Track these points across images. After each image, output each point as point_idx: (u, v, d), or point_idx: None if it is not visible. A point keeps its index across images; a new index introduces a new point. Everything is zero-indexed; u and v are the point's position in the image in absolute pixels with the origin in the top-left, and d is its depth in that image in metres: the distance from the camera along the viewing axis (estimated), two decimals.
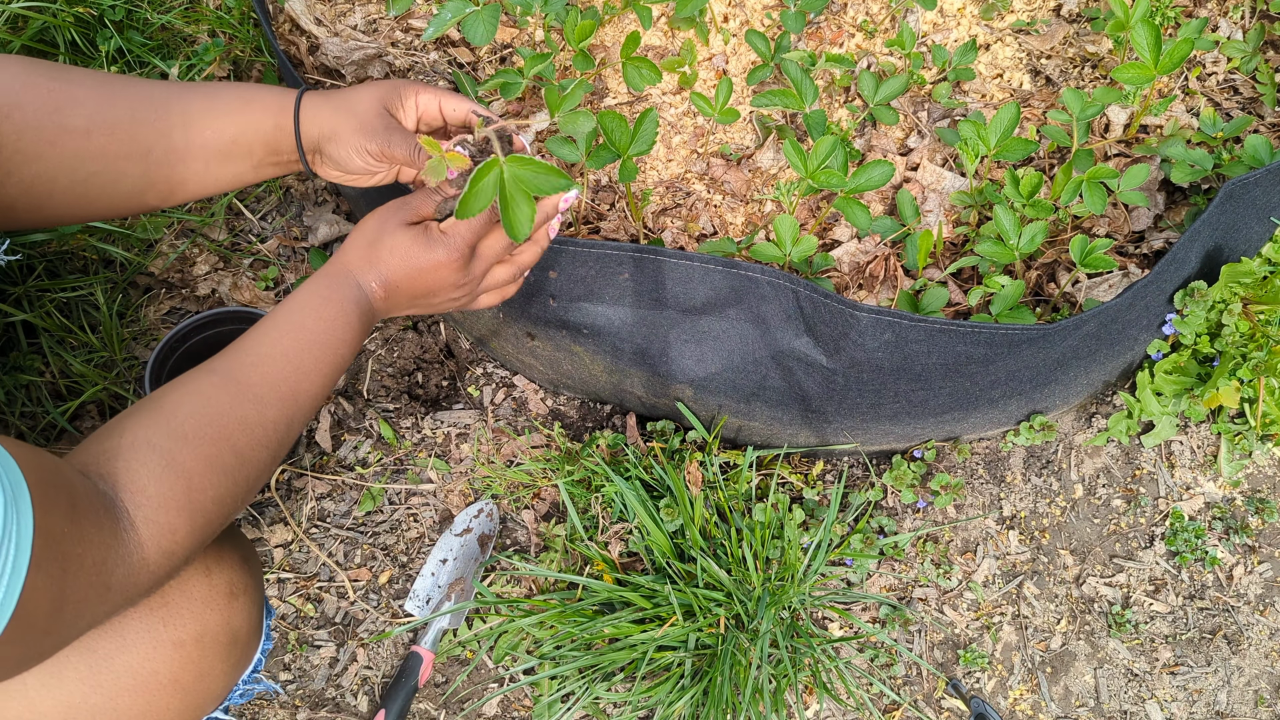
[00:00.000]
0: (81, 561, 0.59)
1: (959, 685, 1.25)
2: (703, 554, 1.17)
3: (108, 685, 0.76)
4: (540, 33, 1.35)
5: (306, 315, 0.78)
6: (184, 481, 0.67)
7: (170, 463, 0.67)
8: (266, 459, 0.74)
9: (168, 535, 0.66)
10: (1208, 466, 1.35)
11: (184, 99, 0.83)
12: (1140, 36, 1.09)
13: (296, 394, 0.76)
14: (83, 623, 0.62)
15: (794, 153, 1.10)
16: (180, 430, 0.69)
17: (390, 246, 0.81)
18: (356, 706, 1.21)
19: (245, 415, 0.72)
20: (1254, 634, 1.29)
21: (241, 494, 0.72)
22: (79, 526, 0.59)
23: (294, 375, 0.76)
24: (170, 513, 0.66)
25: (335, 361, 0.79)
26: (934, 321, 1.00)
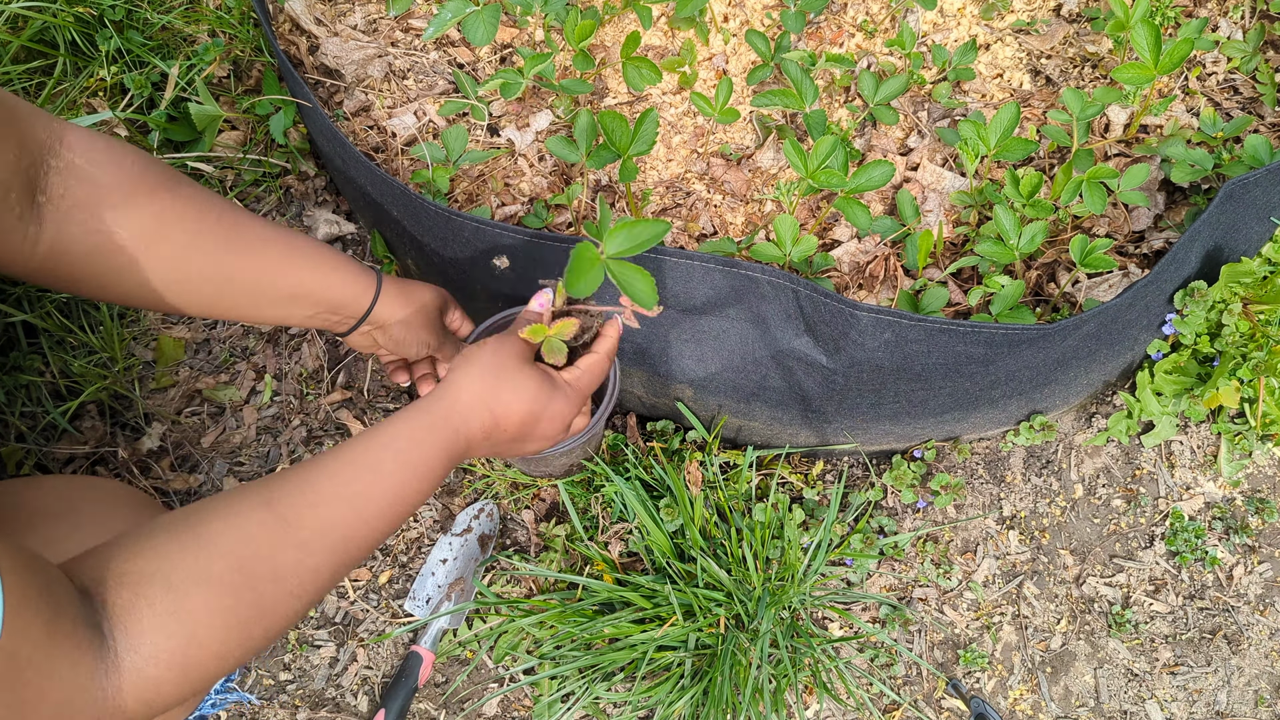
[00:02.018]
0: (43, 698, 0.52)
1: (959, 685, 1.25)
2: (703, 554, 1.17)
3: None
4: (540, 32, 1.35)
5: (387, 456, 0.72)
6: (187, 636, 0.60)
7: (178, 611, 0.60)
8: (292, 611, 0.66)
9: (152, 689, 0.59)
10: (1208, 466, 1.35)
11: (277, 244, 0.88)
12: (1140, 36, 1.09)
13: (349, 543, 0.69)
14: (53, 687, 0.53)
15: (794, 153, 1.10)
16: (204, 572, 0.62)
17: (514, 386, 0.79)
18: (356, 706, 1.21)
19: (282, 563, 0.65)
20: (1254, 634, 1.29)
21: (250, 650, 0.64)
22: (50, 655, 0.53)
23: (353, 523, 0.69)
24: (162, 668, 0.59)
25: (402, 513, 0.73)
26: (934, 321, 1.00)
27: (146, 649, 0.58)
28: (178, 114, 1.33)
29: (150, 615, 0.59)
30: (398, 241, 1.21)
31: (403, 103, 1.31)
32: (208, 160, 1.36)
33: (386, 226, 1.20)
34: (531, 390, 0.80)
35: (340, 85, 1.32)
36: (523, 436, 0.82)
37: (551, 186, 1.28)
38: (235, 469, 1.30)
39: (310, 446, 1.32)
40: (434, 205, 1.04)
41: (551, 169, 1.29)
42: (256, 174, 1.38)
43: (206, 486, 1.29)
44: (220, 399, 1.33)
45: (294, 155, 1.39)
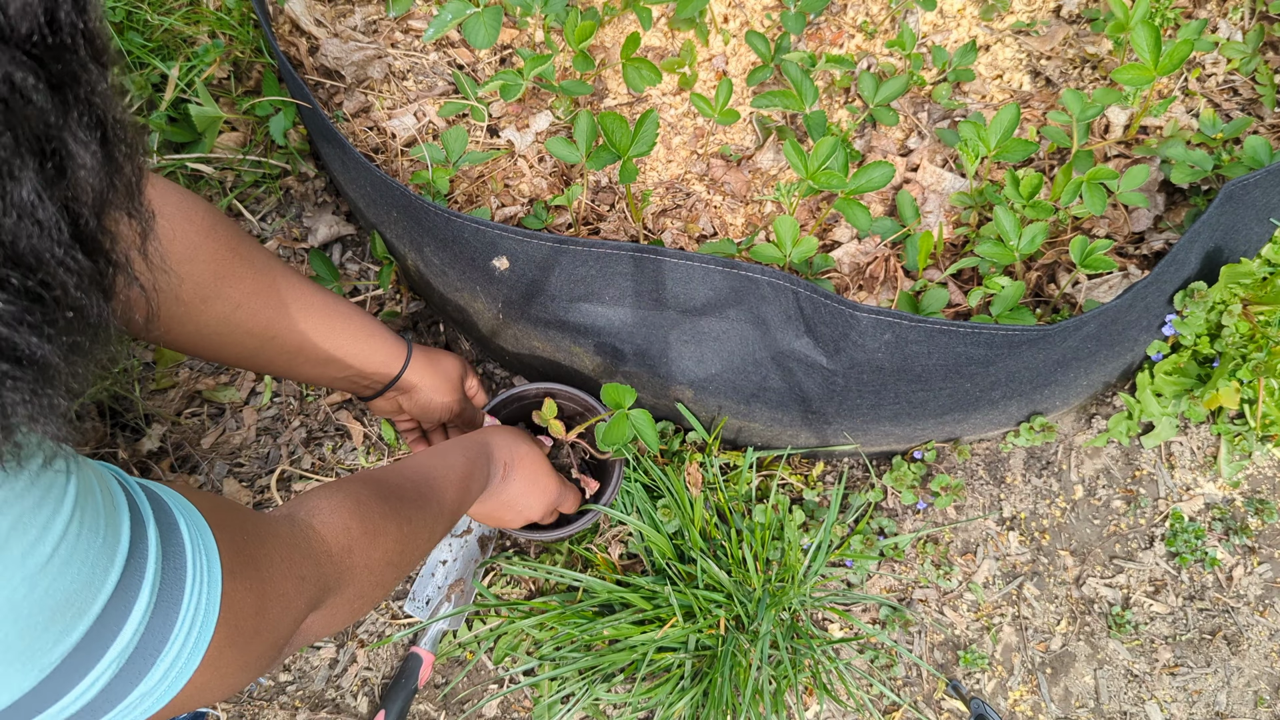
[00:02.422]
0: (271, 559, 0.63)
1: (959, 686, 1.25)
2: (703, 555, 1.17)
3: None
4: (540, 34, 1.35)
5: (452, 458, 0.92)
6: (352, 497, 0.75)
7: (339, 488, 0.76)
8: (423, 519, 0.82)
9: (343, 532, 0.72)
10: (1207, 467, 1.35)
11: (322, 311, 0.96)
12: (1140, 38, 1.09)
13: (441, 487, 0.88)
14: (288, 619, 0.64)
15: (794, 154, 1.10)
16: (348, 479, 0.80)
17: (529, 444, 1.04)
18: (356, 707, 1.21)
19: (403, 484, 0.83)
20: (1254, 635, 1.29)
21: (406, 533, 0.79)
22: (258, 534, 0.64)
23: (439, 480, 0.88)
24: (343, 514, 0.73)
25: (461, 503, 0.91)
26: (934, 322, 1.00)
27: (326, 508, 0.73)
28: (178, 115, 1.33)
29: (320, 493, 0.75)
30: (398, 243, 1.21)
31: (402, 104, 1.31)
32: (208, 162, 1.36)
33: (386, 228, 1.20)
34: (539, 454, 1.05)
35: (340, 86, 1.32)
36: (527, 488, 1.02)
37: (551, 187, 1.28)
38: (235, 470, 1.30)
39: (310, 448, 1.32)
40: (434, 206, 1.04)
41: (551, 170, 1.29)
42: (256, 175, 1.38)
43: (206, 487, 1.29)
44: (220, 400, 1.32)
45: (294, 156, 1.39)
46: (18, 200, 0.35)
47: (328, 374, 1.00)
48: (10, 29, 0.33)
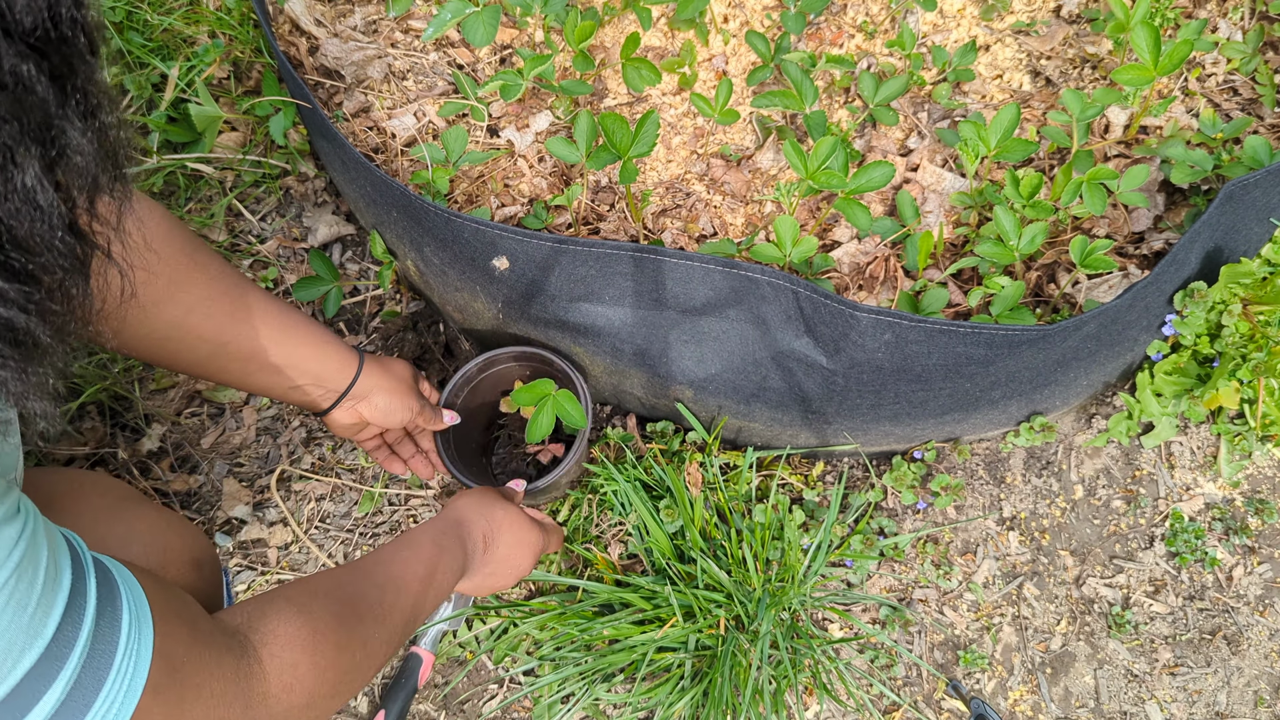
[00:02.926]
0: (200, 691, 0.59)
1: (959, 686, 1.25)
2: (703, 555, 1.17)
3: None
4: (540, 33, 1.35)
5: (415, 554, 0.89)
6: (310, 625, 0.72)
7: (301, 609, 0.72)
8: (382, 638, 0.80)
9: (289, 669, 0.69)
10: (1207, 467, 1.35)
11: (276, 319, 0.96)
12: (1140, 38, 1.09)
13: (404, 605, 0.84)
14: None
15: (794, 153, 1.10)
16: (314, 588, 0.76)
17: (503, 505, 1.02)
18: (356, 708, 1.21)
19: (368, 593, 0.81)
20: (1254, 635, 1.29)
21: (359, 660, 0.76)
22: (199, 655, 0.60)
23: (403, 597, 0.85)
24: (295, 650, 0.69)
25: (432, 594, 0.89)
26: (934, 322, 1.00)
27: (280, 638, 0.69)
28: (178, 115, 1.33)
29: (275, 615, 0.70)
30: (397, 243, 1.21)
31: (402, 104, 1.31)
32: (208, 161, 1.36)
33: (386, 228, 1.20)
34: (515, 510, 1.02)
35: (340, 86, 1.32)
36: (512, 551, 1.00)
37: (551, 187, 1.28)
38: (235, 470, 1.30)
39: (309, 448, 1.32)
40: (434, 206, 1.04)
41: (551, 170, 1.29)
42: (256, 175, 1.38)
43: (206, 487, 1.29)
44: (220, 400, 1.32)
45: (294, 156, 1.39)
46: (21, 186, 0.38)
47: (281, 383, 0.99)
48: (15, 23, 0.35)
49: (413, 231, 1.13)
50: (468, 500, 1.00)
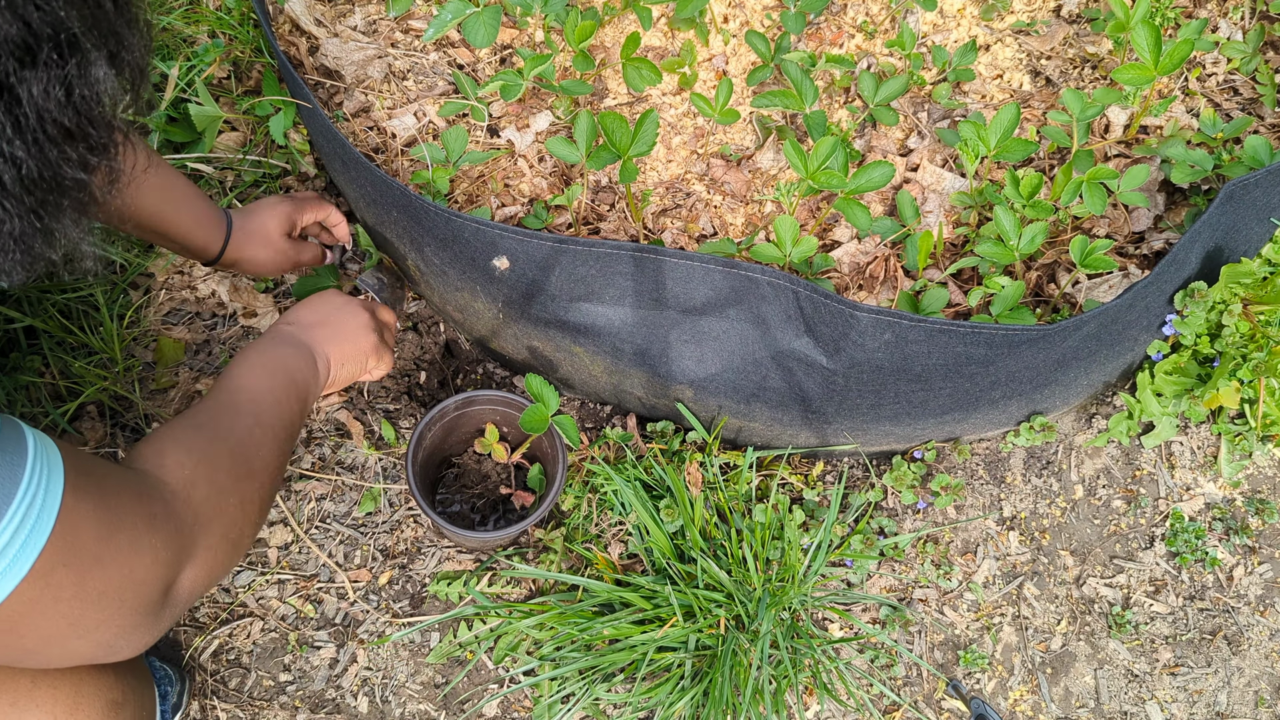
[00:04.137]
0: (120, 494, 0.64)
1: (959, 686, 1.25)
2: (703, 555, 1.17)
3: None
4: (540, 33, 1.35)
5: (260, 364, 0.95)
6: (172, 439, 0.77)
7: (157, 434, 0.79)
8: (266, 453, 0.85)
9: (177, 467, 0.74)
10: (1208, 467, 1.35)
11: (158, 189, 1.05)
12: (1140, 37, 1.09)
13: (271, 410, 0.90)
14: (143, 559, 0.64)
15: (794, 153, 1.10)
16: (166, 424, 0.82)
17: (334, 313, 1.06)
18: (356, 707, 1.21)
19: (238, 426, 0.85)
20: (1254, 635, 1.29)
21: (237, 456, 0.81)
22: (108, 470, 0.65)
23: (265, 402, 0.90)
24: (171, 453, 0.75)
25: (290, 389, 0.94)
26: (934, 322, 1.00)
27: (172, 463, 0.74)
28: (177, 115, 1.33)
29: (156, 437, 0.77)
30: (397, 242, 1.21)
31: (403, 104, 1.31)
32: (208, 161, 1.36)
33: (386, 227, 1.20)
34: (328, 292, 1.07)
35: (340, 86, 1.32)
36: (335, 324, 1.03)
37: (551, 187, 1.28)
38: None
39: (310, 448, 1.32)
40: (434, 206, 1.04)
41: (551, 170, 1.29)
42: (256, 175, 1.38)
43: None
44: None
45: (294, 156, 1.39)
46: (95, 77, 0.49)
47: (159, 242, 1.09)
48: None
49: (413, 231, 1.13)
50: (307, 314, 1.04)
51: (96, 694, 0.84)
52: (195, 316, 1.36)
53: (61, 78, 0.47)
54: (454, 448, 1.32)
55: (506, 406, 1.21)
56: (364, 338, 1.05)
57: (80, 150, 0.50)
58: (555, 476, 1.17)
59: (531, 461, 1.30)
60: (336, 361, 1.02)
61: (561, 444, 1.16)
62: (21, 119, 0.46)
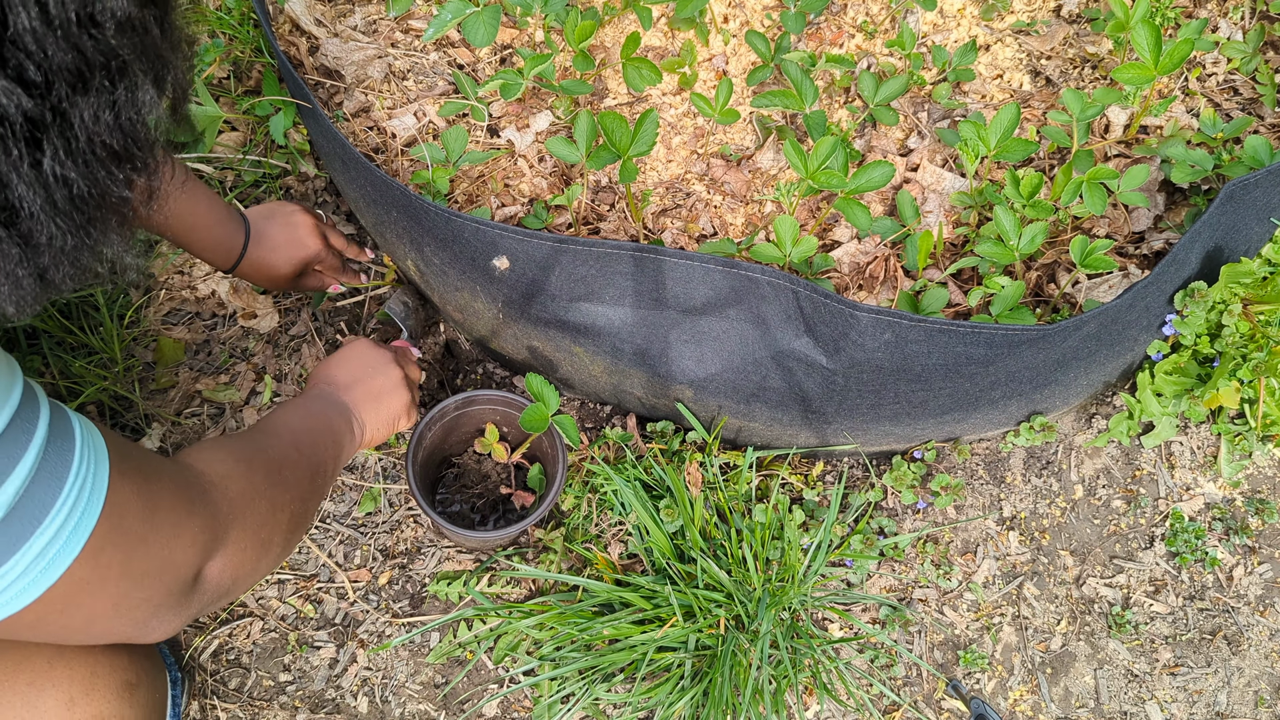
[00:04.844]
0: (160, 478, 0.66)
1: (959, 686, 1.25)
2: (703, 555, 1.17)
3: None
4: (540, 33, 1.35)
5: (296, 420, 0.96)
6: (211, 443, 0.81)
7: (194, 446, 0.81)
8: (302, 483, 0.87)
9: (216, 463, 0.77)
10: (1208, 467, 1.35)
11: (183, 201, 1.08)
12: (1140, 37, 1.09)
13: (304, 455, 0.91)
14: (181, 543, 0.67)
15: (794, 153, 1.10)
16: (243, 441, 0.85)
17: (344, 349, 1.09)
18: (356, 708, 1.21)
19: (283, 450, 0.88)
20: (1254, 635, 1.29)
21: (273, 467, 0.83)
22: (146, 455, 0.68)
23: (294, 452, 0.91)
24: (208, 451, 0.79)
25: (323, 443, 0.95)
26: (934, 322, 1.00)
27: (205, 452, 0.78)
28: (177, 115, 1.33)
29: (198, 446, 0.80)
30: (397, 242, 1.21)
31: (403, 104, 1.31)
32: (208, 161, 1.36)
33: (386, 227, 1.20)
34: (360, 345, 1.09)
35: (340, 86, 1.32)
36: (380, 420, 1.04)
37: (551, 187, 1.28)
38: None
39: None
40: (434, 206, 1.04)
41: (551, 170, 1.29)
42: (257, 175, 1.38)
43: None
44: (220, 400, 1.32)
45: (294, 156, 1.39)
46: (142, 101, 0.51)
47: (183, 247, 1.11)
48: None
49: (413, 231, 1.13)
50: (343, 373, 1.05)
51: (112, 674, 0.86)
52: (195, 317, 1.36)
53: (111, 102, 0.49)
54: (454, 448, 1.32)
55: (506, 406, 1.21)
56: (397, 400, 1.07)
57: (126, 170, 0.53)
58: (555, 476, 1.17)
59: (531, 461, 1.30)
60: (371, 426, 1.04)
61: (562, 444, 1.16)
62: (73, 142, 0.48)
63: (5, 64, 0.43)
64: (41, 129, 0.46)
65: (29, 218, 0.48)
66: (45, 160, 0.47)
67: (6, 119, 0.44)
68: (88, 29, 0.46)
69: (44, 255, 0.51)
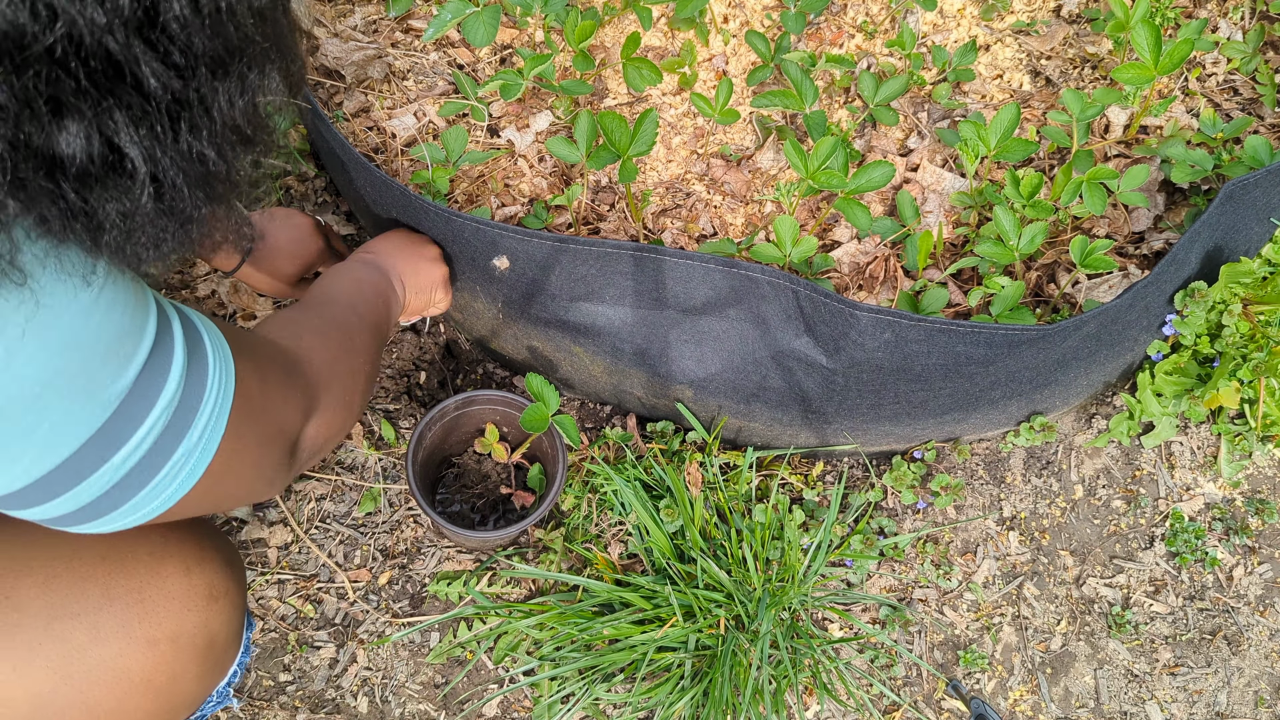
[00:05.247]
0: (260, 352, 0.73)
1: (959, 686, 1.25)
2: (703, 555, 1.17)
3: (78, 678, 0.79)
4: (540, 33, 1.35)
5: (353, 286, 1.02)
6: (284, 319, 0.87)
7: (268, 320, 0.88)
8: (368, 347, 0.94)
9: (294, 339, 0.83)
10: (1208, 467, 1.35)
11: None
12: (1140, 37, 1.09)
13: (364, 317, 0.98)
14: (288, 409, 0.75)
15: (794, 153, 1.10)
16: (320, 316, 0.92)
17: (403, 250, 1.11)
18: (356, 708, 1.21)
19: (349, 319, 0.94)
20: (1254, 635, 1.29)
21: (346, 335, 0.91)
22: (243, 333, 0.74)
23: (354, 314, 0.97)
24: (286, 328, 0.85)
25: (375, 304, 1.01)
26: (934, 321, 1.00)
27: (289, 335, 0.83)
28: None
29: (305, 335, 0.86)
30: None
31: (402, 104, 1.31)
32: None
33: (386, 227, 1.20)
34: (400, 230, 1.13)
35: (340, 86, 1.32)
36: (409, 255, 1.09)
37: (551, 187, 1.28)
38: None
39: None
40: (434, 206, 1.04)
41: (551, 170, 1.29)
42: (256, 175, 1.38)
43: None
44: None
45: (294, 156, 1.39)
46: (270, 88, 0.54)
47: None
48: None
49: None
50: (383, 245, 1.09)
51: (216, 551, 0.91)
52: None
53: (243, 88, 0.53)
54: (454, 448, 1.32)
55: (506, 406, 1.21)
56: (435, 270, 1.11)
57: (252, 151, 0.57)
58: (555, 476, 1.17)
59: (531, 461, 1.30)
60: (412, 289, 1.08)
61: (562, 444, 1.16)
62: (210, 123, 0.52)
63: (155, 48, 0.46)
64: (185, 109, 0.50)
65: (171, 188, 0.52)
66: (185, 137, 0.51)
67: (155, 99, 0.47)
68: (230, 19, 0.49)
69: (188, 224, 0.56)
